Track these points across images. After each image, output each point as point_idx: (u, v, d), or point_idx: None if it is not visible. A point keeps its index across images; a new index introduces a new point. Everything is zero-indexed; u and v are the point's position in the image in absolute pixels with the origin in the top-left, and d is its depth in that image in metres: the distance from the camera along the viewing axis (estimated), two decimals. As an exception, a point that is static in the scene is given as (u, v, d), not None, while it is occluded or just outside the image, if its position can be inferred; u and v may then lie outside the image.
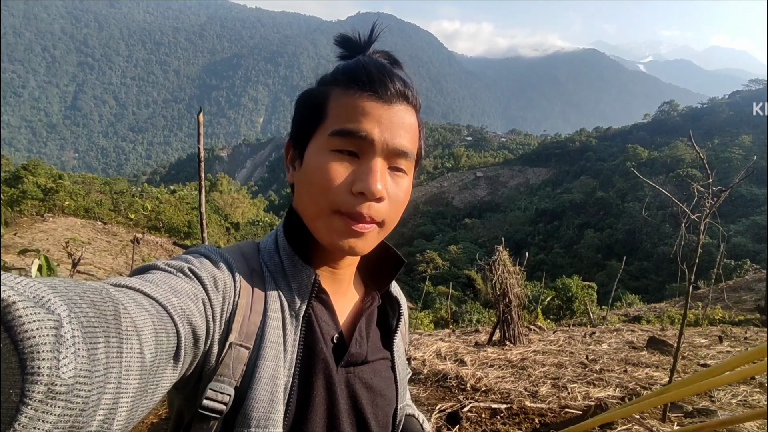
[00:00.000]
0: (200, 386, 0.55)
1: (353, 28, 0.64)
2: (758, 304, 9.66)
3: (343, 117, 0.59)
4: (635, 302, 18.53)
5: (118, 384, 0.35)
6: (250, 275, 0.61)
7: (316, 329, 0.63)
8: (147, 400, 0.41)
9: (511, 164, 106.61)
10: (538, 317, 10.53)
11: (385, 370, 0.72)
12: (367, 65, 0.60)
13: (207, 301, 0.52)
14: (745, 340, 6.62)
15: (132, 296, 0.43)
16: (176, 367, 0.46)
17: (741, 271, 23.49)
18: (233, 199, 64.95)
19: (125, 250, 19.51)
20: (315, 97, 0.63)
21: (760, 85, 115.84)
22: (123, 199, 33.21)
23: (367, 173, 0.57)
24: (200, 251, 0.61)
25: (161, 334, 0.43)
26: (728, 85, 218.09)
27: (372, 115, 0.58)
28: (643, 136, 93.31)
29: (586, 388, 3.61)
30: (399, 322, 0.75)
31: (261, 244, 0.69)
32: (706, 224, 2.16)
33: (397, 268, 0.73)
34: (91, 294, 0.36)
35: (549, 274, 19.79)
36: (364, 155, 0.59)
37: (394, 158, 0.61)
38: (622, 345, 6.18)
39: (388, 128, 0.59)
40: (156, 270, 0.52)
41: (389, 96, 0.59)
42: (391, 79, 0.60)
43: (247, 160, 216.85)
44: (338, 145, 0.59)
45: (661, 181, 50.82)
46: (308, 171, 0.61)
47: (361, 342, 0.68)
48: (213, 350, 0.54)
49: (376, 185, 0.57)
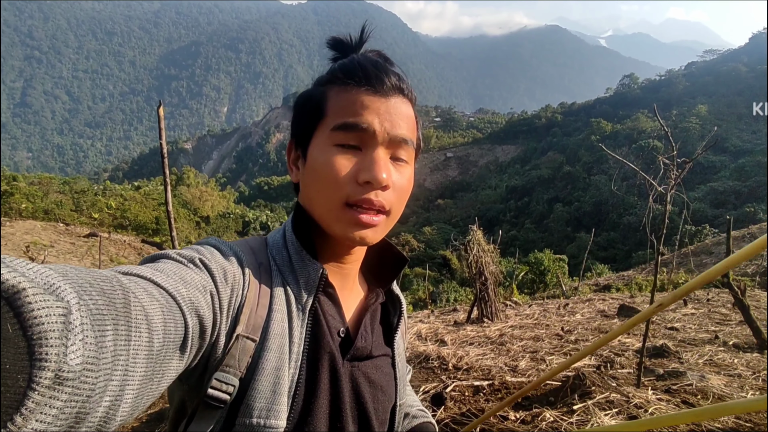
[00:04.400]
0: (205, 376, 0.55)
1: (314, 11, 0.67)
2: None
3: (343, 112, 0.61)
4: (604, 272, 19.18)
5: (125, 372, 0.35)
6: (258, 269, 0.62)
7: (323, 323, 0.64)
8: (152, 389, 0.41)
9: (481, 143, 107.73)
10: (513, 293, 10.78)
11: (386, 367, 0.73)
12: (363, 62, 0.63)
13: (215, 293, 0.53)
14: (708, 301, 6.96)
15: (142, 285, 0.43)
16: (182, 357, 0.46)
17: (701, 235, 24.61)
18: (201, 192, 63.22)
19: (91, 250, 18.80)
20: (313, 96, 0.65)
21: (714, 56, 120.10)
22: (85, 199, 31.84)
23: (371, 163, 0.60)
24: (211, 243, 0.62)
25: (169, 323, 0.43)
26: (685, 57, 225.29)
27: (371, 107, 0.61)
28: (606, 110, 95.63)
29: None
30: (400, 320, 0.77)
31: (269, 238, 0.70)
32: (672, 195, 2.23)
33: (400, 266, 0.76)
34: (101, 282, 0.36)
35: (521, 250, 20.25)
36: (367, 147, 0.61)
37: (395, 147, 0.63)
38: (594, 314, 6.39)
39: (387, 119, 0.61)
40: (167, 259, 0.53)
41: (386, 89, 0.62)
42: (386, 73, 0.63)
43: (213, 152, 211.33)
44: (341, 139, 0.61)
45: (624, 152, 52.35)
46: (314, 167, 0.62)
47: (366, 337, 0.70)
48: (220, 342, 0.54)
49: (381, 173, 0.59)
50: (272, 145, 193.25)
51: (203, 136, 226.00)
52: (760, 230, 15.06)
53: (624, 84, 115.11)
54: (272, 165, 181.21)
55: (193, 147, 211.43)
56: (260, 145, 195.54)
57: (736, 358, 3.51)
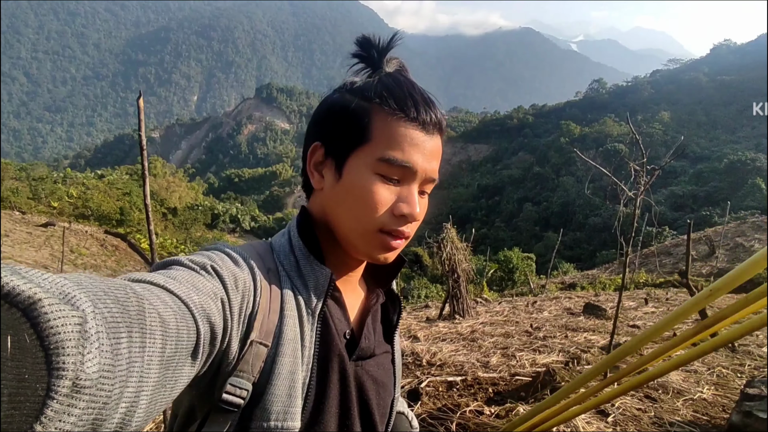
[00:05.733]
0: (217, 382, 0.56)
1: (290, 1, 0.64)
2: (677, 268, 10.65)
3: (391, 144, 0.62)
4: (570, 270, 19.77)
5: (140, 378, 0.36)
6: (267, 274, 0.63)
7: (331, 326, 0.66)
8: (166, 395, 0.42)
9: (454, 141, 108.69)
10: (483, 290, 11.00)
11: (387, 363, 0.77)
12: (413, 92, 0.64)
13: (226, 299, 0.53)
14: (666, 300, 7.30)
15: (156, 292, 0.44)
16: (194, 364, 0.47)
17: (661, 237, 25.67)
18: (169, 182, 61.45)
19: (50, 240, 18.00)
20: (355, 112, 0.64)
21: (677, 65, 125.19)
22: (43, 186, 30.31)
23: (408, 198, 0.63)
24: (220, 249, 0.62)
25: (182, 330, 0.44)
26: (650, 65, 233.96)
27: (418, 146, 0.63)
28: (575, 113, 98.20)
29: (532, 355, 3.84)
30: (399, 317, 0.81)
31: (273, 243, 0.71)
32: (642, 200, 2.33)
33: (398, 267, 0.77)
34: (115, 290, 0.37)
35: (492, 248, 20.60)
36: (406, 182, 0.64)
37: (426, 184, 0.67)
38: (561, 312, 6.60)
39: (428, 159, 0.64)
40: (179, 266, 0.54)
41: (432, 128, 0.64)
42: (433, 110, 0.64)
43: (182, 141, 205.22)
44: (386, 171, 0.63)
45: (591, 155, 53.87)
46: (352, 189, 0.64)
47: (369, 337, 0.73)
48: (232, 348, 0.55)
49: (416, 209, 0.64)
50: (244, 136, 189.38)
51: (172, 125, 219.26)
52: (715, 233, 15.83)
53: (593, 88, 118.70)
54: (243, 157, 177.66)
55: (161, 136, 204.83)
56: (231, 136, 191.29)
57: (693, 354, 3.71)
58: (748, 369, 3.30)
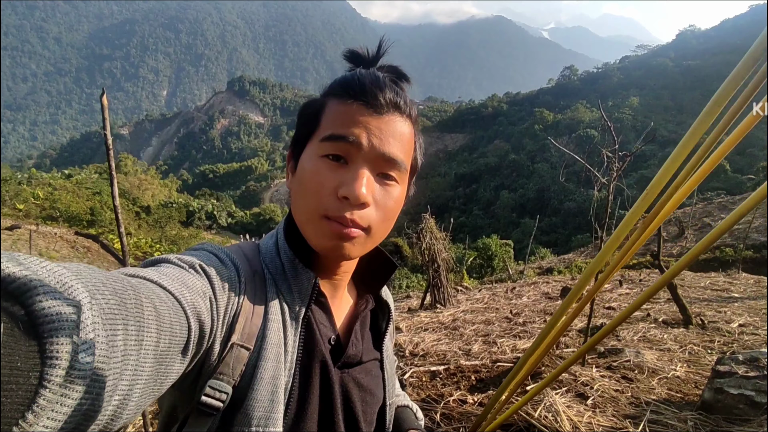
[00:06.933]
0: (198, 383, 0.56)
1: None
2: (649, 249, 10.98)
3: (334, 124, 0.60)
4: (547, 255, 20.19)
5: (134, 371, 0.36)
6: (252, 277, 0.62)
7: (316, 331, 0.65)
8: (155, 389, 0.42)
9: (430, 131, 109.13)
10: (463, 278, 11.12)
11: (375, 370, 0.75)
12: (362, 77, 0.62)
13: (213, 299, 0.53)
14: (640, 281, 7.52)
15: (150, 287, 0.44)
16: (183, 360, 0.47)
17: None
18: (141, 180, 59.95)
19: (16, 245, 17.33)
20: (311, 106, 0.65)
21: (645, 50, 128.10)
22: (7, 188, 29.12)
23: (353, 178, 0.58)
24: (208, 249, 0.63)
25: (175, 326, 0.44)
26: (619, 51, 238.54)
27: (361, 122, 0.60)
28: (548, 100, 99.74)
29: (513, 341, 3.90)
30: (389, 324, 0.79)
31: (261, 245, 0.70)
32: (615, 185, 2.38)
33: (389, 272, 0.76)
34: (113, 282, 0.37)
35: (470, 236, 20.87)
36: (352, 161, 0.60)
37: (383, 165, 0.61)
38: (539, 297, 6.73)
39: (377, 135, 0.60)
40: (168, 264, 0.54)
41: (380, 105, 0.61)
42: (382, 89, 0.61)
43: (153, 138, 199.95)
44: (328, 150, 0.60)
45: (564, 141, 54.98)
46: (300, 176, 0.62)
47: (356, 344, 0.71)
48: (214, 348, 0.55)
49: (360, 190, 0.58)
50: (217, 131, 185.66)
51: (141, 121, 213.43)
52: (683, 214, 16.38)
53: (564, 75, 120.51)
54: (217, 152, 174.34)
55: (130, 132, 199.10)
56: (204, 131, 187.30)
57: (666, 333, 3.83)
58: (718, 345, 3.43)
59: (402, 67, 0.67)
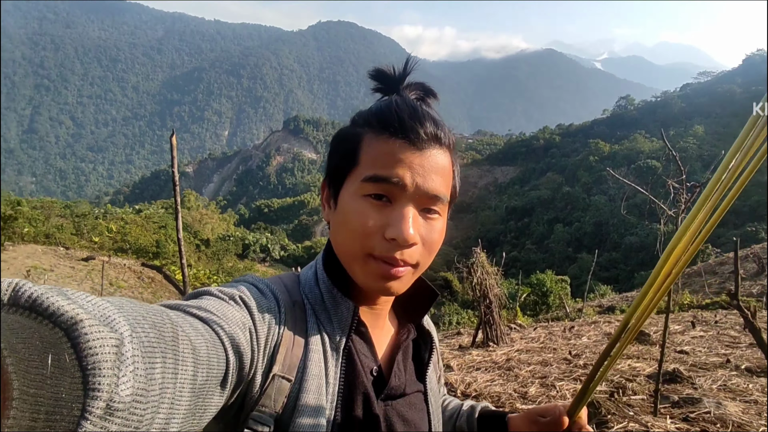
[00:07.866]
0: (241, 415, 0.56)
1: (315, 37, 0.63)
2: (724, 288, 10.08)
3: (375, 163, 0.59)
4: (607, 293, 19.00)
5: (171, 404, 0.36)
6: (292, 307, 0.62)
7: (357, 362, 0.64)
8: (194, 424, 0.42)
9: (480, 164, 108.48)
10: (517, 315, 10.65)
11: (419, 403, 0.72)
12: (400, 109, 0.60)
13: (254, 330, 0.53)
14: (716, 323, 6.86)
15: (189, 320, 0.45)
16: (223, 393, 0.47)
17: (704, 255, 24.48)
18: (202, 215, 63.51)
19: (91, 274, 18.71)
20: (347, 139, 0.64)
21: (708, 77, 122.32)
22: (85, 222, 31.78)
23: (399, 219, 0.58)
24: (248, 280, 0.63)
25: (213, 358, 0.44)
26: (679, 79, 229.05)
27: (404, 161, 0.59)
28: (603, 131, 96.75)
29: (573, 385, 3.64)
30: (432, 354, 0.77)
31: (301, 276, 0.70)
32: (683, 218, 2.22)
33: (431, 301, 0.75)
34: (152, 315, 0.38)
35: (523, 271, 20.12)
36: (396, 201, 0.59)
37: (426, 202, 0.61)
38: (601, 337, 6.29)
39: (420, 173, 0.59)
40: (209, 296, 0.54)
41: (421, 141, 0.60)
42: (422, 123, 0.60)
43: (214, 175, 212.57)
44: (371, 190, 0.59)
45: (623, 173, 52.50)
46: (342, 214, 0.62)
47: (399, 375, 0.69)
48: (256, 380, 0.55)
49: (408, 231, 0.58)
50: (272, 167, 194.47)
51: (204, 159, 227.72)
52: (762, 249, 14.98)
53: (620, 105, 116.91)
54: (272, 188, 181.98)
55: (194, 170, 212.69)
56: (261, 168, 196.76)
57: (750, 383, 3.43)
58: (815, 398, 3.02)
59: (450, 102, 0.66)
